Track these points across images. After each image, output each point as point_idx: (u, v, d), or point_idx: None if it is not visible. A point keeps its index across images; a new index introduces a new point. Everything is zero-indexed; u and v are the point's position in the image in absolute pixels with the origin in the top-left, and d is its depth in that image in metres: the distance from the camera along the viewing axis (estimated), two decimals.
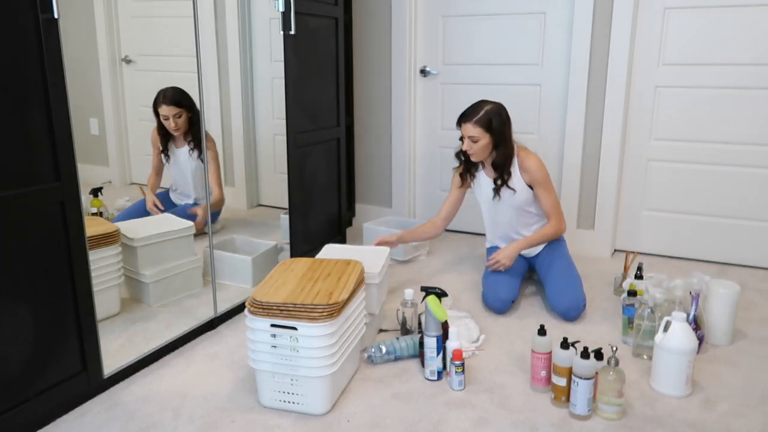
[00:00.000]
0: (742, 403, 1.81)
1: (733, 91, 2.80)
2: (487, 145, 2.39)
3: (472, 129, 2.37)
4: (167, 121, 2.46)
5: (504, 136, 2.40)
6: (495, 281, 2.45)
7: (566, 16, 3.00)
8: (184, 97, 2.45)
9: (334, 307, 1.68)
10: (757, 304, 2.51)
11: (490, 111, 2.37)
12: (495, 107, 2.39)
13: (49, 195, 1.62)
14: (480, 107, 2.39)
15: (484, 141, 2.37)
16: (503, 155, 2.42)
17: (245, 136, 2.94)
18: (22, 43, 1.51)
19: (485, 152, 2.42)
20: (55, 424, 1.73)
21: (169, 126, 2.46)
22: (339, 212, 3.20)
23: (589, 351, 1.70)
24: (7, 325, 1.57)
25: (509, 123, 2.43)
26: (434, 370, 1.93)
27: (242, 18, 2.80)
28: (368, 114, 3.53)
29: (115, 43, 2.41)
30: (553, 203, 2.47)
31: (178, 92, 2.36)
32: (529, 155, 2.46)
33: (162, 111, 2.45)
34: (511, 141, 2.44)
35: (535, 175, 2.43)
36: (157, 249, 2.37)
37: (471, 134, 2.37)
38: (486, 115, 2.36)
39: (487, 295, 2.44)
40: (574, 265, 2.50)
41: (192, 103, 2.45)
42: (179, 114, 2.45)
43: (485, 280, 2.51)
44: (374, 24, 3.37)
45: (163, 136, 2.50)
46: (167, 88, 2.42)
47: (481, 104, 2.40)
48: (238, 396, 1.87)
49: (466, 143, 2.40)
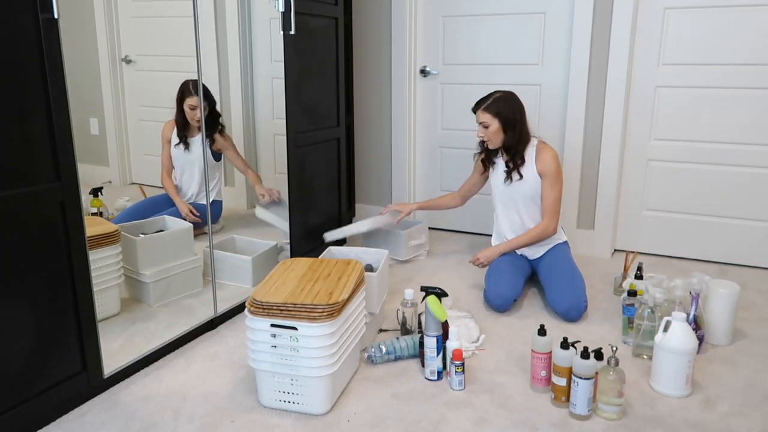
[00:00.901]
0: (742, 403, 1.81)
1: (733, 91, 2.80)
2: (498, 131, 2.50)
3: (481, 115, 2.50)
4: (193, 111, 2.52)
5: (513, 121, 2.49)
6: (498, 278, 2.45)
7: (566, 16, 3.00)
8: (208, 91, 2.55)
9: (334, 307, 1.68)
10: (757, 304, 2.51)
11: (499, 97, 2.50)
12: (504, 94, 2.52)
13: (49, 195, 1.62)
14: (491, 95, 2.52)
15: (494, 126, 2.49)
16: (512, 139, 2.51)
17: (245, 136, 2.94)
18: (22, 43, 1.51)
19: (497, 137, 2.52)
20: (55, 424, 1.73)
21: (194, 116, 2.53)
22: (339, 212, 3.20)
23: (589, 351, 1.70)
24: (7, 324, 1.57)
25: (521, 109, 2.52)
26: (434, 370, 1.93)
27: (242, 18, 2.80)
28: (368, 114, 3.53)
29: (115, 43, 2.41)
30: (553, 202, 2.52)
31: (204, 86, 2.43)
32: (548, 147, 2.55)
33: (189, 101, 2.52)
34: (524, 127, 2.52)
35: (548, 165, 2.50)
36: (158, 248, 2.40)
37: (482, 120, 2.50)
38: (494, 101, 2.49)
39: (489, 291, 2.44)
40: (577, 268, 2.50)
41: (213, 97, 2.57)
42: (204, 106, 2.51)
43: (488, 277, 2.52)
44: (374, 24, 3.37)
45: (181, 126, 2.56)
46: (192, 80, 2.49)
47: (492, 93, 2.53)
48: (238, 396, 1.87)
49: (479, 129, 2.53)
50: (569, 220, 3.15)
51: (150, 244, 2.36)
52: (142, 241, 2.34)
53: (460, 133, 3.37)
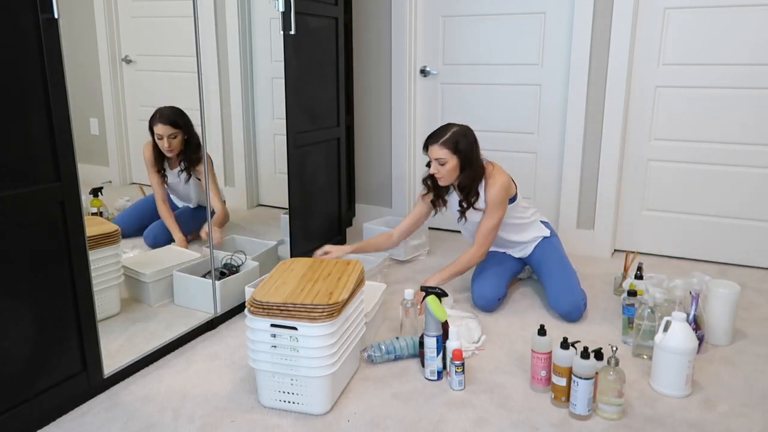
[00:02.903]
0: (742, 403, 1.81)
1: (733, 91, 2.80)
2: (455, 168, 2.34)
3: (438, 151, 2.31)
4: (161, 141, 2.36)
5: (471, 158, 2.34)
6: (482, 280, 2.47)
7: (566, 16, 3.00)
8: (182, 118, 2.36)
9: (334, 307, 1.68)
10: (757, 304, 2.51)
11: (457, 132, 2.33)
12: (461, 129, 2.35)
13: (49, 195, 1.62)
14: (446, 129, 2.34)
15: (451, 163, 2.32)
16: (469, 177, 2.37)
17: (245, 136, 2.94)
18: (22, 43, 1.51)
19: (453, 175, 2.36)
20: (55, 424, 1.73)
21: (163, 146, 2.36)
22: (339, 212, 3.20)
23: (589, 351, 1.70)
24: (7, 324, 1.57)
25: (476, 144, 2.37)
26: (434, 370, 1.93)
27: (242, 18, 2.80)
28: (368, 114, 3.53)
29: (115, 43, 2.42)
30: (487, 229, 2.41)
31: (176, 112, 2.28)
32: (497, 174, 2.39)
33: (157, 130, 2.36)
34: (478, 162, 2.38)
35: (493, 196, 2.37)
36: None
37: (438, 156, 2.32)
38: (453, 136, 2.31)
39: (474, 293, 2.47)
40: (568, 261, 2.51)
41: (189, 124, 2.34)
42: (174, 135, 2.36)
43: (473, 279, 2.54)
44: (374, 24, 3.37)
45: (157, 155, 2.41)
46: (165, 107, 2.33)
47: (447, 127, 2.36)
48: (238, 396, 1.87)
49: (433, 166, 2.35)
50: (569, 220, 3.15)
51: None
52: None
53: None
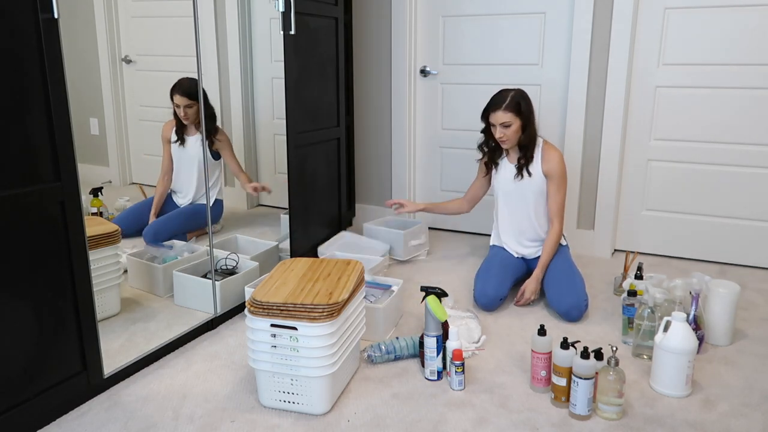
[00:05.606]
0: (742, 403, 1.81)
1: (733, 91, 2.80)
2: (518, 129, 2.47)
3: (503, 116, 2.44)
4: (179, 109, 2.53)
5: (531, 118, 2.48)
6: (485, 279, 2.48)
7: (566, 16, 3.00)
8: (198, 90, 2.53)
9: (334, 307, 1.68)
10: (757, 304, 2.51)
11: (516, 95, 2.46)
12: (518, 92, 2.49)
13: (49, 195, 1.62)
14: (506, 94, 2.47)
15: (516, 125, 2.45)
16: (529, 137, 2.50)
17: (245, 136, 2.95)
18: (22, 43, 1.51)
19: (516, 136, 2.48)
20: (55, 424, 1.73)
21: (180, 114, 2.55)
22: (339, 212, 3.20)
23: (589, 351, 1.70)
24: (7, 324, 1.57)
25: (532, 104, 2.51)
26: (434, 370, 1.93)
27: (242, 18, 2.80)
28: (368, 114, 3.53)
29: (115, 43, 2.42)
30: (560, 204, 2.54)
31: (194, 84, 2.41)
32: (554, 148, 2.55)
33: (175, 99, 2.53)
34: (535, 124, 2.52)
35: (554, 166, 2.51)
36: None
37: (503, 120, 2.44)
38: (513, 99, 2.45)
39: (476, 291, 2.48)
40: (575, 266, 2.50)
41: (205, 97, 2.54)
42: (191, 105, 2.52)
43: (477, 276, 2.54)
44: (374, 24, 3.37)
45: (178, 124, 2.59)
46: (184, 78, 2.49)
47: (505, 92, 2.48)
48: (238, 396, 1.87)
49: (498, 131, 2.46)
50: (569, 220, 3.14)
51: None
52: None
53: (461, 133, 3.37)
